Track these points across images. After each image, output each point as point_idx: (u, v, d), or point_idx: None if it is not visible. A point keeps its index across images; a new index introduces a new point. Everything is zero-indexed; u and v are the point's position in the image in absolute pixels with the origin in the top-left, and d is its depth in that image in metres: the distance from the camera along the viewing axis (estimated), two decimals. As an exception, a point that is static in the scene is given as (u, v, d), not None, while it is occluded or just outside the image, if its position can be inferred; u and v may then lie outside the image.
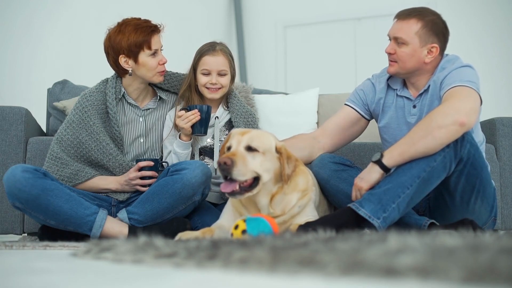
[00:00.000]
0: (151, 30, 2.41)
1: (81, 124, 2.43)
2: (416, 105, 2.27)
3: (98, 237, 2.23)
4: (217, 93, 2.55)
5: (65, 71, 4.15)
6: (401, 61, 2.21)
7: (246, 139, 1.95)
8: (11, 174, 2.18)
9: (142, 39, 2.39)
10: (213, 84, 2.53)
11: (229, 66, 2.57)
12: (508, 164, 2.85)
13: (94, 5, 4.82)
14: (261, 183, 1.94)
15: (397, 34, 2.21)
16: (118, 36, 2.40)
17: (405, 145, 1.98)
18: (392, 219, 1.96)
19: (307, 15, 6.41)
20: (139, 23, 2.42)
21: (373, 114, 2.43)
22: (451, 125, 1.92)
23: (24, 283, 0.98)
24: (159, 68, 2.44)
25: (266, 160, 1.94)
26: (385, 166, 2.01)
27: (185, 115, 2.38)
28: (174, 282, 0.94)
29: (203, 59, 2.54)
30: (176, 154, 2.46)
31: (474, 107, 2.00)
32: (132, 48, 2.39)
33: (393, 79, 2.36)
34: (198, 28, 5.78)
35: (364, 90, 2.42)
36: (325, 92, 3.44)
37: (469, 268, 0.78)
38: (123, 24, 2.42)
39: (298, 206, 2.05)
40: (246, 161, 1.90)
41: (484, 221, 2.18)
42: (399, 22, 2.23)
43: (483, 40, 5.39)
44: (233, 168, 1.86)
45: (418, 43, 2.19)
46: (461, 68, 2.13)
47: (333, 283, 0.84)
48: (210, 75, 2.52)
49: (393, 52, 2.22)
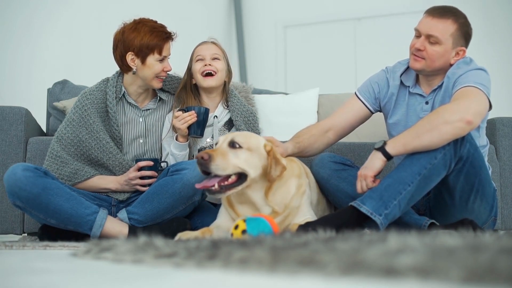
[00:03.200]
0: (166, 36, 2.43)
1: (81, 123, 2.43)
2: (428, 101, 2.27)
3: (98, 237, 2.23)
4: (212, 79, 2.55)
5: (65, 71, 4.15)
6: (430, 60, 2.18)
7: (231, 136, 1.96)
8: (12, 172, 2.18)
9: (155, 43, 2.40)
10: (208, 66, 2.53)
11: (223, 55, 2.61)
12: (508, 164, 2.85)
13: (94, 5, 4.82)
14: (249, 179, 1.94)
15: (431, 32, 2.16)
16: (133, 33, 2.40)
17: (410, 137, 1.98)
18: (393, 216, 1.97)
19: (307, 15, 6.41)
20: (156, 27, 2.43)
21: (382, 109, 2.42)
22: (457, 122, 1.93)
23: (24, 283, 0.98)
24: (162, 74, 2.46)
25: (252, 157, 1.94)
26: (388, 153, 2.01)
27: (181, 116, 2.38)
28: (174, 282, 0.94)
29: (196, 49, 2.62)
30: (173, 156, 2.46)
31: (481, 110, 2.02)
32: (144, 48, 2.40)
33: (407, 75, 2.34)
34: (198, 28, 5.78)
35: (379, 83, 2.39)
36: (325, 92, 3.44)
37: (469, 268, 0.78)
38: (140, 23, 2.43)
39: (296, 199, 2.05)
40: (227, 156, 1.90)
41: (484, 221, 2.18)
42: (434, 20, 2.18)
43: (483, 40, 5.38)
44: (211, 163, 1.87)
45: (450, 44, 2.17)
46: (476, 71, 2.14)
47: (333, 283, 0.84)
48: (204, 60, 2.55)
49: (423, 49, 2.19)
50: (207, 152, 1.89)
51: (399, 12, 5.99)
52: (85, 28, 4.66)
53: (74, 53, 4.66)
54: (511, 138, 2.87)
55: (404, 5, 5.96)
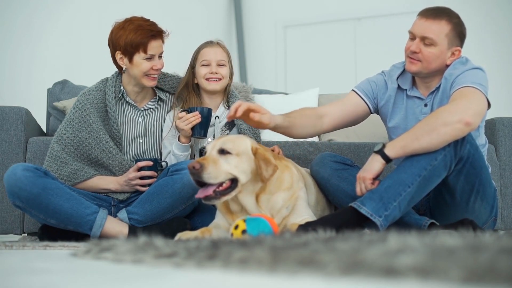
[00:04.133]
0: (151, 34, 2.38)
1: (81, 123, 2.42)
2: (427, 103, 2.26)
3: (98, 237, 2.23)
4: (217, 84, 2.55)
5: (65, 71, 4.15)
6: (426, 62, 2.18)
7: (219, 143, 1.95)
8: (12, 172, 2.18)
9: (139, 41, 2.37)
10: (214, 74, 2.52)
11: (228, 60, 2.59)
12: (508, 164, 2.85)
13: (94, 5, 4.82)
14: (240, 185, 1.93)
15: (426, 34, 2.16)
16: (120, 32, 2.39)
17: (409, 139, 1.98)
18: (393, 218, 1.97)
19: (307, 15, 6.41)
20: (142, 25, 2.39)
21: (380, 111, 2.41)
22: (456, 123, 1.93)
23: (24, 283, 0.98)
24: (151, 72, 2.42)
25: (242, 162, 1.94)
26: (387, 156, 2.00)
27: (185, 117, 2.36)
28: (174, 282, 0.94)
29: (202, 52, 2.57)
30: (175, 156, 2.45)
31: (480, 110, 2.01)
32: (128, 47, 2.38)
33: (403, 78, 2.33)
34: (198, 28, 5.78)
35: (376, 83, 2.38)
36: (325, 92, 3.44)
37: (469, 268, 0.78)
38: (127, 21, 2.42)
39: (286, 208, 2.05)
40: (218, 164, 1.90)
41: (484, 221, 2.18)
42: (428, 21, 2.17)
43: (483, 40, 5.38)
44: (203, 172, 1.86)
45: (446, 45, 2.17)
46: (473, 70, 2.13)
47: (333, 283, 0.84)
48: (209, 66, 2.53)
49: (418, 51, 2.18)
50: (198, 161, 1.88)
51: (399, 12, 5.99)
52: (85, 28, 4.66)
53: (74, 53, 4.66)
54: (511, 138, 2.87)
55: (404, 5, 5.95)
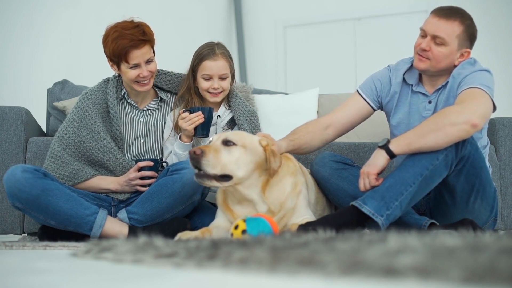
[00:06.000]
0: (130, 44, 2.32)
1: (82, 123, 2.43)
2: (431, 100, 2.26)
3: (98, 237, 2.23)
4: (219, 97, 2.55)
5: (65, 71, 4.15)
6: (436, 60, 2.18)
7: (225, 134, 1.97)
8: (11, 174, 2.18)
9: (119, 52, 2.34)
10: (215, 89, 2.52)
11: (230, 69, 2.57)
12: (508, 164, 2.85)
13: (94, 5, 4.82)
14: (232, 181, 1.94)
15: (437, 33, 2.15)
16: (105, 40, 2.39)
17: (414, 136, 1.98)
18: (394, 217, 1.97)
19: (307, 15, 6.41)
20: (123, 34, 2.33)
21: (384, 108, 2.41)
22: (463, 124, 1.93)
23: (24, 283, 0.98)
24: (138, 79, 2.40)
25: (246, 154, 1.95)
26: (392, 152, 2.00)
27: (188, 117, 2.36)
28: (174, 282, 0.94)
29: (203, 64, 2.52)
30: (177, 155, 2.45)
31: (486, 113, 2.03)
32: (112, 57, 2.38)
33: (410, 74, 2.33)
34: (198, 28, 5.78)
35: (381, 81, 2.38)
36: (325, 92, 3.44)
37: (469, 268, 0.78)
38: (113, 28, 2.38)
39: (291, 199, 2.05)
40: (219, 153, 1.91)
41: (484, 221, 2.18)
42: (441, 21, 2.17)
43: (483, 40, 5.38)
44: (202, 158, 1.87)
45: (456, 46, 2.17)
46: (482, 72, 2.14)
47: (333, 283, 0.84)
48: (211, 80, 2.51)
49: (428, 49, 2.18)
50: (200, 147, 1.90)
51: (399, 12, 5.99)
52: (85, 28, 4.65)
53: (74, 53, 4.66)
54: (511, 138, 2.87)
55: (404, 5, 5.96)
